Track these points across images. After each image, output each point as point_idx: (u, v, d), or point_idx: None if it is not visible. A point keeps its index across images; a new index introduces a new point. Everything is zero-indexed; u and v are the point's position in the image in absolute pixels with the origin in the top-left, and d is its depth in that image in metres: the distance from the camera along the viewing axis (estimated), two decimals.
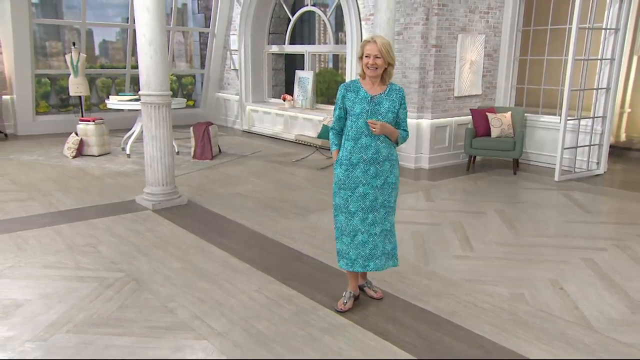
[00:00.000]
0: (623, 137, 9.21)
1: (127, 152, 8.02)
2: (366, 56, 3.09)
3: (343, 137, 3.24)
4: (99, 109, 11.00)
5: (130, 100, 8.17)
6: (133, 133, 8.16)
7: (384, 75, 3.17)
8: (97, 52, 13.16)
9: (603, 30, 6.94)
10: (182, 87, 12.57)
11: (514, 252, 4.37)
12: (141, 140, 8.31)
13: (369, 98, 3.14)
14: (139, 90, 5.49)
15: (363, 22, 8.22)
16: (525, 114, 7.54)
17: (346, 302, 3.33)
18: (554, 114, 7.59)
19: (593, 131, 7.10)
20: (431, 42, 7.24)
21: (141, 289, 3.65)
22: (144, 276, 3.87)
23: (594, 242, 4.60)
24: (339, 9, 9.19)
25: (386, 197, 3.24)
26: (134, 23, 10.16)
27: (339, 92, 3.24)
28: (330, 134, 3.32)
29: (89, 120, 8.07)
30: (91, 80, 10.67)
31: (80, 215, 5.23)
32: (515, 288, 3.68)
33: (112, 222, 5.05)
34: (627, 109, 9.13)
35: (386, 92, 3.17)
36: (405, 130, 3.27)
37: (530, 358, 2.84)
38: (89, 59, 10.34)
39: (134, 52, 11.29)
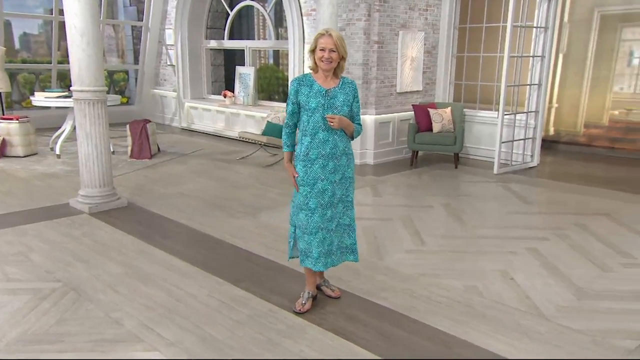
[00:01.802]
0: (551, 131, 9.70)
1: (57, 152, 7.51)
2: (321, 49, 3.01)
3: (300, 133, 3.14)
4: (22, 107, 10.25)
5: (59, 97, 7.64)
6: (63, 132, 7.65)
7: (336, 69, 3.11)
8: (17, 45, 12.23)
9: (534, 29, 7.25)
10: (114, 84, 11.96)
11: (463, 245, 4.45)
12: (72, 140, 7.81)
13: (324, 92, 3.06)
14: (70, 85, 5.13)
15: (305, 18, 8.13)
16: (464, 109, 7.75)
17: (304, 303, 3.23)
18: (490, 109, 7.86)
19: (527, 125, 7.41)
20: (373, 38, 7.27)
21: (81, 299, 3.38)
22: (84, 285, 3.59)
23: (536, 232, 4.77)
24: (278, 4, 9.06)
25: (344, 191, 3.19)
26: (60, 14, 9.57)
27: (291, 87, 3.13)
28: (282, 133, 3.21)
29: (11, 119, 7.48)
30: (11, 76, 9.90)
31: (6, 221, 4.81)
32: (469, 280, 3.73)
33: (44, 228, 4.68)
34: (555, 104, 9.62)
35: (339, 85, 3.12)
36: (359, 124, 3.23)
37: (490, 351, 2.88)
38: (8, 52, 9.59)
39: (60, 46, 10.62)
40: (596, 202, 5.73)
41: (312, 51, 3.07)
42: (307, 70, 8.65)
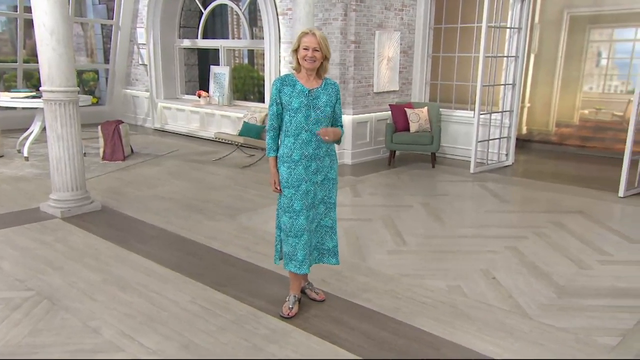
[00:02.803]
0: (524, 129, 9.87)
1: (25, 154, 7.26)
2: (304, 48, 2.96)
3: (282, 134, 3.08)
4: None
5: (27, 97, 7.38)
6: (31, 133, 7.39)
7: (319, 70, 3.07)
8: None
9: (508, 29, 7.35)
10: (84, 84, 11.66)
11: (444, 244, 4.46)
12: (41, 141, 7.56)
13: (307, 92, 3.02)
14: (36, 85, 4.95)
15: (280, 17, 8.07)
16: (440, 109, 7.80)
17: (292, 307, 3.18)
18: (465, 109, 7.94)
19: (502, 125, 7.51)
20: (350, 38, 7.25)
21: (56, 308, 3.25)
22: (58, 293, 3.46)
23: (515, 230, 4.82)
24: (252, 3, 8.97)
25: (326, 193, 3.15)
26: (26, 12, 9.25)
27: (273, 87, 3.07)
28: (267, 136, 3.13)
29: None
30: None
31: None
32: (451, 280, 3.74)
33: (14, 234, 4.50)
34: (527, 104, 9.79)
35: (322, 86, 3.08)
36: (341, 126, 3.20)
37: (476, 351, 2.88)
38: None
39: (26, 44, 10.28)
40: (570, 200, 5.83)
41: (295, 50, 3.02)
42: (284, 70, 8.56)
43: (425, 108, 7.47)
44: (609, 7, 9.32)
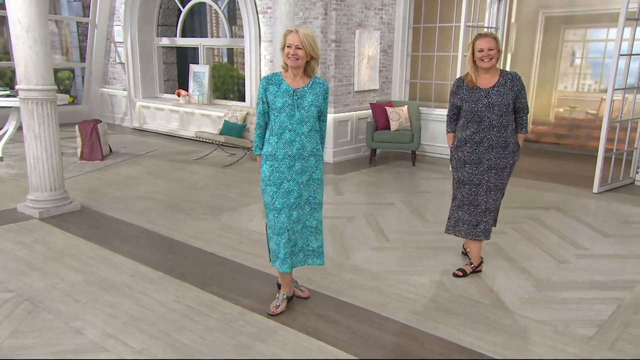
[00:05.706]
0: None
1: None
2: (287, 46, 2.97)
3: (267, 132, 3.10)
4: None
5: (0, 96, 7.22)
6: (5, 133, 7.24)
7: (307, 69, 3.07)
8: None
9: (485, 29, 7.47)
10: (59, 82, 11.43)
11: (426, 240, 4.53)
12: (15, 141, 7.41)
13: (292, 91, 3.03)
14: (9, 84, 4.86)
15: (260, 15, 8.05)
16: (420, 108, 7.88)
17: (279, 305, 3.19)
18: (444, 107, 8.03)
19: None
20: (331, 36, 7.28)
21: (38, 310, 3.21)
22: (40, 294, 3.41)
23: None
24: (231, 1, 8.92)
25: (312, 193, 3.15)
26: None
27: (260, 85, 3.09)
28: (255, 134, 3.15)
29: None
30: None
31: None
32: (434, 275, 3.80)
33: None
34: None
35: (309, 85, 3.08)
36: (324, 122, 3.20)
37: (461, 345, 2.94)
38: None
39: None
40: (546, 196, 5.97)
41: (282, 49, 3.03)
42: (265, 69, 8.51)
43: (406, 106, 7.55)
44: (582, 7, 9.54)
